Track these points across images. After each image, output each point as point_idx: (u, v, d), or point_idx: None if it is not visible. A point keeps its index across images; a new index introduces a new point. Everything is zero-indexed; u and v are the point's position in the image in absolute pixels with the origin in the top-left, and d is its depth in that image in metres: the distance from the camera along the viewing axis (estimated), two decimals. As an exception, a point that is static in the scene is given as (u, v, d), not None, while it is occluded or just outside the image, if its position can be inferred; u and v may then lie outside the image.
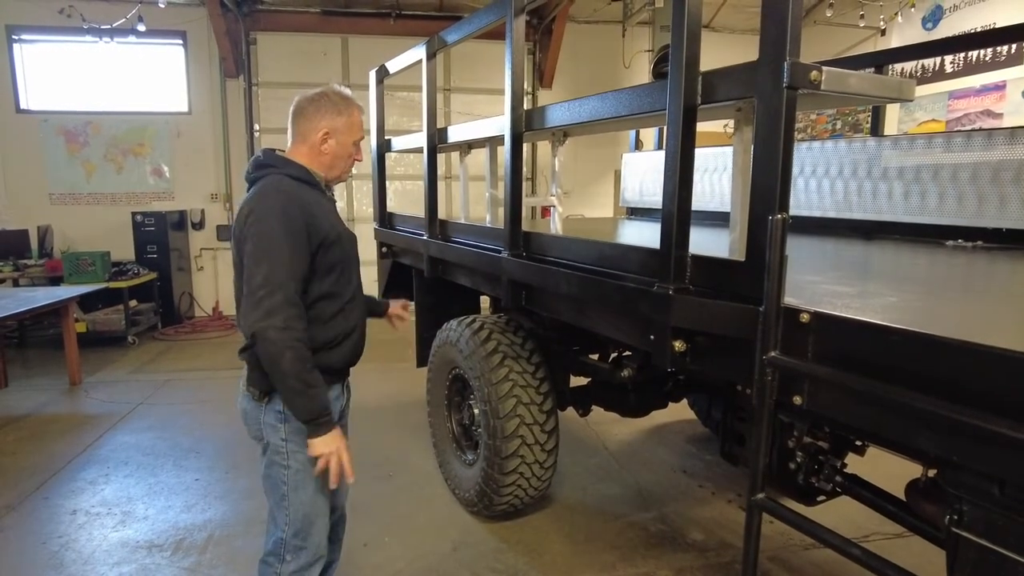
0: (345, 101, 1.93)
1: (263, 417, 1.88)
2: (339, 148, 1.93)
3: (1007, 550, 1.32)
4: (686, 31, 1.58)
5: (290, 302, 1.70)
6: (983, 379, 1.16)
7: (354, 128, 1.95)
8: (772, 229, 1.37)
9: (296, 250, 1.74)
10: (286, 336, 1.67)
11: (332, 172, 1.97)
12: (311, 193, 1.88)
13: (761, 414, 1.44)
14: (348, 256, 1.95)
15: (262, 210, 1.76)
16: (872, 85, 1.65)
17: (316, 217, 1.81)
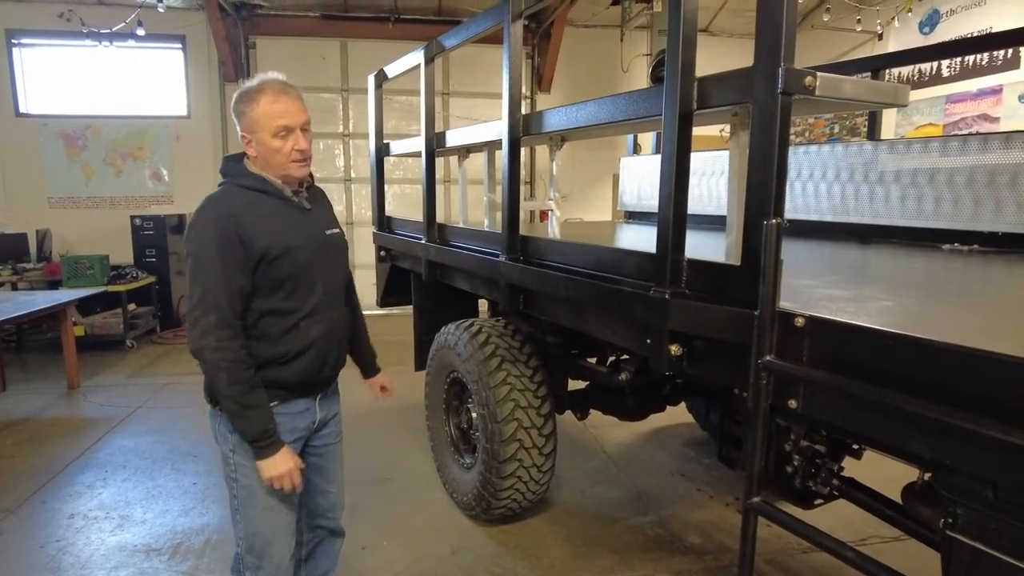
0: (249, 94, 1.74)
1: (217, 426, 1.85)
2: (261, 147, 1.75)
3: (1001, 553, 1.33)
4: (682, 37, 1.59)
5: (222, 323, 1.65)
6: (975, 382, 1.16)
7: (265, 119, 1.72)
8: (767, 233, 1.38)
9: (228, 267, 1.66)
10: (218, 357, 1.65)
11: (278, 172, 1.79)
12: (266, 203, 1.77)
13: (756, 418, 1.44)
14: (301, 270, 1.80)
15: (197, 226, 1.70)
16: (867, 90, 1.66)
17: (256, 230, 1.70)
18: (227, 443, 1.83)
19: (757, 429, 1.44)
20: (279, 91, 1.74)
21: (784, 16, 1.39)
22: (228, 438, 1.82)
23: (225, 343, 1.65)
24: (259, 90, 1.73)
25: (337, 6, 8.28)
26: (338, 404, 2.14)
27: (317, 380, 1.92)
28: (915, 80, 7.36)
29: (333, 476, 2.15)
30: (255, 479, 1.80)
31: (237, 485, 1.83)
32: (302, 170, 1.82)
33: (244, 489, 1.83)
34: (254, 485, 1.81)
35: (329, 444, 2.10)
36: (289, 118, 1.74)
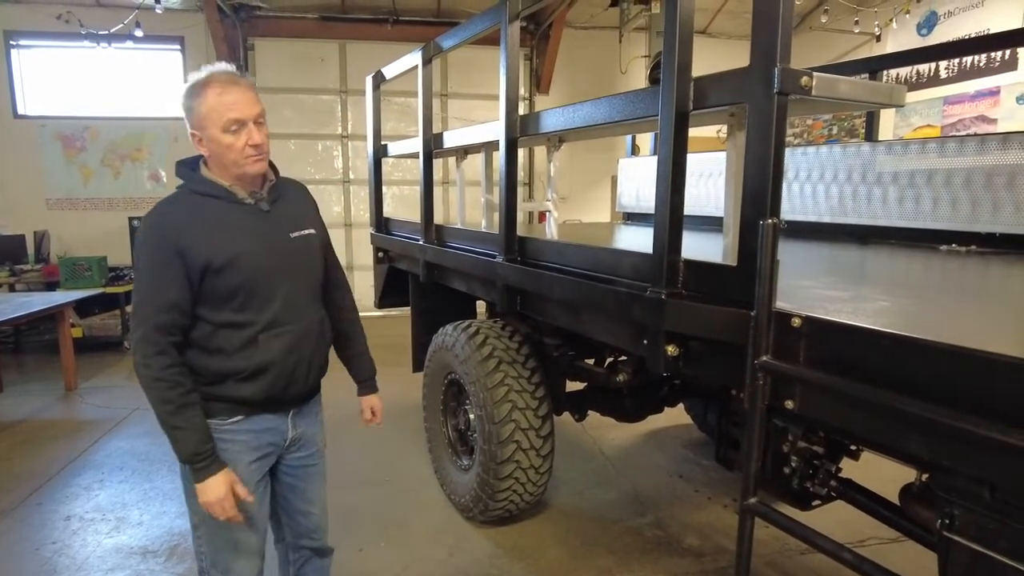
0: (195, 87, 1.61)
1: None
2: (212, 144, 1.62)
3: (998, 553, 1.32)
4: (678, 38, 1.59)
5: (147, 339, 1.57)
6: (972, 382, 1.16)
7: (213, 113, 1.59)
8: (763, 234, 1.38)
9: (161, 280, 1.57)
10: (144, 374, 1.58)
11: (233, 171, 1.66)
12: (216, 209, 1.66)
13: (753, 419, 1.44)
14: (253, 279, 1.66)
15: (139, 236, 1.63)
16: (863, 91, 1.66)
17: (198, 240, 1.59)
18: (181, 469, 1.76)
19: (754, 430, 1.44)
20: (227, 82, 1.60)
21: (780, 16, 1.39)
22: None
23: (150, 360, 1.57)
24: (206, 82, 1.60)
25: (336, 8, 8.28)
26: (319, 422, 2.01)
27: (285, 397, 1.79)
28: (913, 81, 7.37)
29: (313, 497, 2.01)
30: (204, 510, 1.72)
31: (192, 501, 1.73)
32: (258, 165, 1.68)
33: (202, 522, 1.75)
34: (206, 515, 1.72)
35: (308, 465, 1.97)
36: (240, 110, 1.60)
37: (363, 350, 2.13)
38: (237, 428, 1.74)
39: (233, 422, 1.73)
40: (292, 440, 1.88)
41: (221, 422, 1.72)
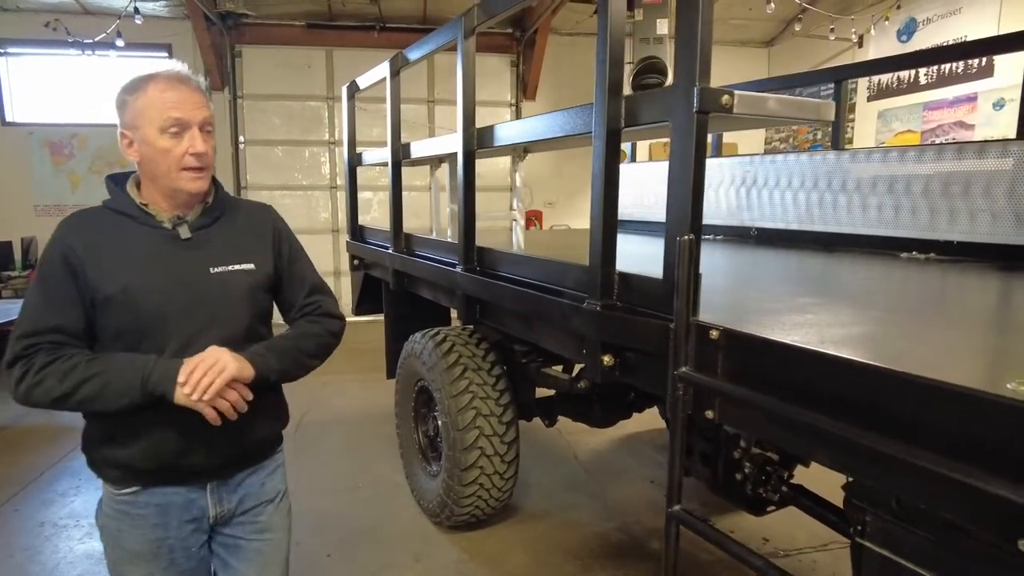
0: (135, 82, 1.40)
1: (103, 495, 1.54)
2: (145, 147, 1.39)
3: (904, 559, 1.37)
4: (608, 60, 1.64)
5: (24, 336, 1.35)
6: (873, 397, 1.20)
7: (151, 109, 1.36)
8: (680, 250, 1.42)
9: (48, 297, 1.37)
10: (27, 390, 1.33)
11: (163, 184, 1.42)
12: (125, 229, 1.42)
13: (675, 428, 1.48)
14: (146, 320, 1.39)
15: (45, 249, 1.44)
16: (790, 107, 1.70)
17: (93, 260, 1.37)
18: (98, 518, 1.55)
19: (675, 439, 1.48)
20: (174, 79, 1.39)
21: (699, 37, 1.44)
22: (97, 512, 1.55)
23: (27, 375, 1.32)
24: (149, 77, 1.39)
25: (323, 15, 8.34)
26: (270, 494, 1.62)
27: (184, 467, 1.46)
28: (894, 87, 7.43)
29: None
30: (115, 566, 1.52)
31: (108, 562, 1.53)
32: (196, 183, 1.42)
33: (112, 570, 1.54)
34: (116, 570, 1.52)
35: (250, 540, 1.59)
36: (183, 110, 1.37)
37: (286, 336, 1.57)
38: (134, 500, 1.47)
39: (128, 493, 1.46)
40: (218, 517, 1.55)
41: (115, 491, 1.48)
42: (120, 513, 1.48)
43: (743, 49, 9.63)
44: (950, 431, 1.03)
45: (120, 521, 1.48)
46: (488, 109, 8.85)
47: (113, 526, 1.49)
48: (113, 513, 1.49)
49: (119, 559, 1.51)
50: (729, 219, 4.24)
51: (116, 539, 1.50)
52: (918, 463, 1.04)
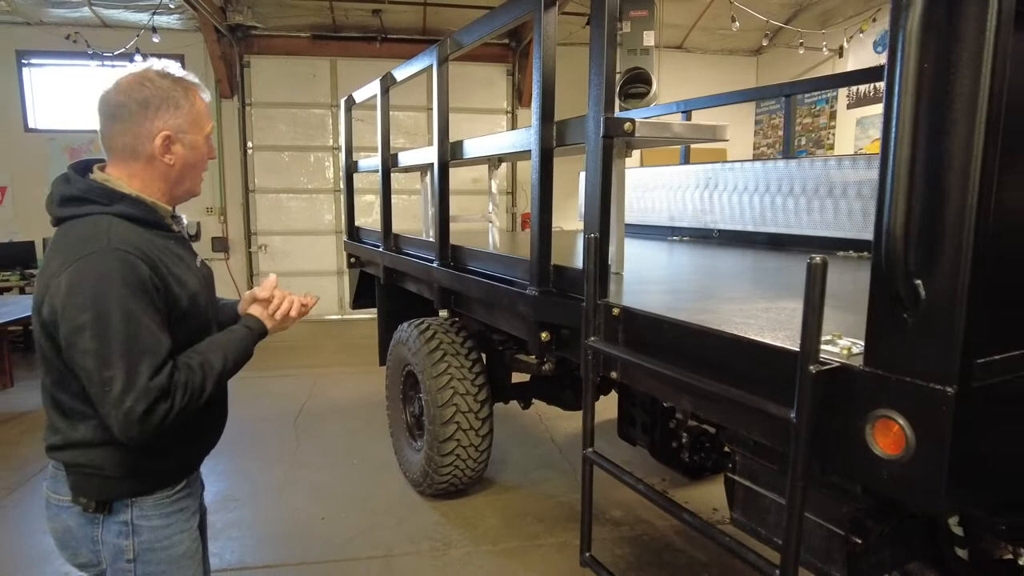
0: (181, 85, 1.41)
1: (101, 538, 1.43)
2: (190, 153, 1.43)
3: (762, 488, 1.75)
4: (542, 91, 2.03)
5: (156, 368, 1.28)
6: (717, 354, 1.56)
7: (203, 119, 1.45)
8: (587, 245, 1.80)
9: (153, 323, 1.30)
10: (183, 403, 1.32)
11: (181, 187, 1.47)
12: (154, 239, 1.39)
13: (586, 386, 1.86)
14: (203, 321, 1.49)
15: (94, 282, 1.25)
16: (689, 130, 2.09)
17: (169, 277, 1.37)
18: (121, 554, 1.44)
19: (587, 394, 1.86)
20: (202, 90, 1.47)
21: (604, 75, 1.83)
22: (123, 546, 1.44)
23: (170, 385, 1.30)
24: (190, 84, 1.43)
25: (327, 26, 8.76)
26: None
27: (208, 450, 1.63)
28: (871, 96, 7.77)
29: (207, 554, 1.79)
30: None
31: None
32: (200, 182, 1.55)
33: None
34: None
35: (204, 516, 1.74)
36: (212, 120, 1.51)
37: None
38: (181, 495, 1.52)
39: (179, 489, 1.51)
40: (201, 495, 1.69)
41: (168, 495, 1.48)
42: (174, 513, 1.50)
43: (731, 58, 9.99)
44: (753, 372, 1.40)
45: (173, 525, 1.49)
46: (484, 117, 9.24)
47: (164, 536, 1.48)
48: (164, 522, 1.47)
49: (169, 570, 1.49)
50: (694, 221, 4.61)
51: (168, 549, 1.48)
52: (736, 399, 1.41)
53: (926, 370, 1.09)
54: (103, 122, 1.40)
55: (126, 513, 1.42)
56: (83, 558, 1.47)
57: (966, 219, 1.01)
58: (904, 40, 1.00)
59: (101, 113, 1.39)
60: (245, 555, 3.12)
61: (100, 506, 1.41)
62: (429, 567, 3.02)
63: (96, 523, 1.42)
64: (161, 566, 1.47)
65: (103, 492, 1.40)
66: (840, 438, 1.24)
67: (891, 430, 1.16)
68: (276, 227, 9.07)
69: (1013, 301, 1.15)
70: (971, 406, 1.08)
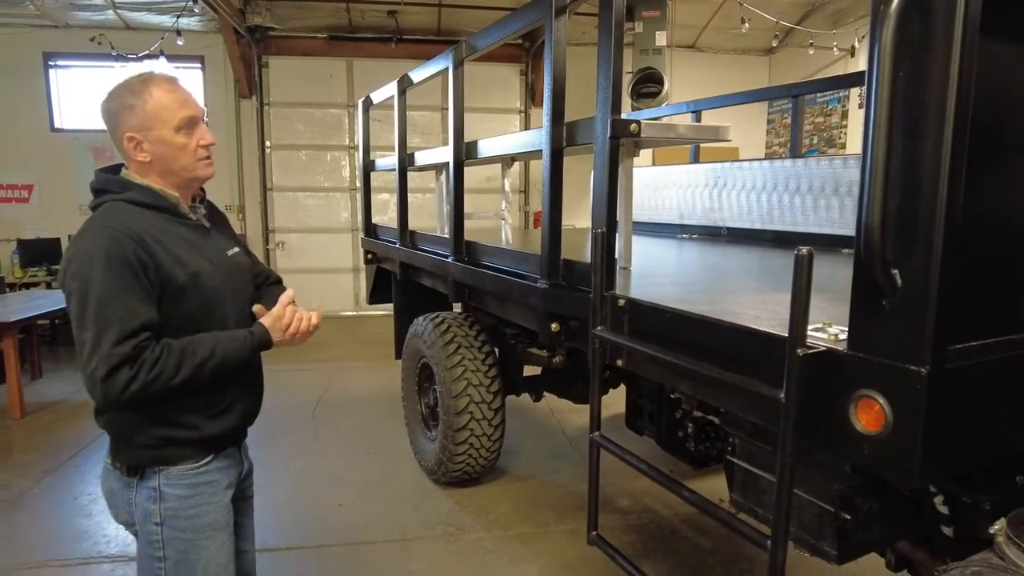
0: (132, 86, 1.53)
1: (133, 499, 1.56)
2: (161, 146, 1.51)
3: (758, 469, 1.85)
4: (553, 93, 2.13)
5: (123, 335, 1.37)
6: (715, 341, 1.67)
7: (165, 111, 1.51)
8: (594, 240, 1.91)
9: (129, 297, 1.40)
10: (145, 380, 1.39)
11: (173, 176, 1.56)
12: (160, 222, 1.52)
13: (594, 373, 1.97)
14: (211, 300, 1.57)
15: (80, 257, 1.40)
16: (693, 131, 2.19)
17: (157, 252, 1.46)
18: (150, 516, 1.55)
19: (594, 381, 1.97)
20: (170, 80, 1.55)
21: (611, 78, 1.93)
22: (152, 510, 1.54)
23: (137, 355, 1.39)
24: (147, 80, 1.52)
25: (344, 27, 8.92)
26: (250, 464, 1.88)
27: (245, 425, 1.74)
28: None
29: (251, 534, 1.91)
30: (188, 549, 1.59)
31: (166, 564, 1.57)
32: (210, 169, 1.61)
33: (177, 565, 1.58)
34: (188, 558, 1.59)
35: (247, 497, 1.87)
36: (192, 108, 1.56)
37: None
38: (209, 468, 1.62)
39: (205, 463, 1.61)
40: (241, 474, 1.78)
41: (193, 467, 1.58)
42: (200, 485, 1.59)
43: (743, 57, 10.02)
44: (747, 357, 1.51)
45: (199, 496, 1.59)
46: (498, 116, 9.35)
47: (189, 505, 1.57)
48: (189, 492, 1.57)
49: (194, 538, 1.59)
50: (704, 219, 4.69)
51: (193, 518, 1.58)
52: (731, 382, 1.51)
53: (903, 352, 1.19)
54: None
55: (155, 480, 1.54)
56: (122, 517, 1.62)
57: (937, 213, 1.11)
58: (880, 50, 1.11)
59: None
60: (267, 537, 3.26)
61: (132, 471, 1.55)
62: (443, 550, 3.15)
63: (131, 486, 1.56)
64: (186, 533, 1.57)
65: (132, 458, 1.54)
66: (826, 417, 1.34)
67: (872, 409, 1.26)
68: (293, 225, 9.25)
69: (984, 288, 1.25)
70: (944, 386, 1.18)
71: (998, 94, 1.20)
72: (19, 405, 4.95)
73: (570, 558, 3.08)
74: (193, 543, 1.59)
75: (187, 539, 1.58)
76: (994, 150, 1.22)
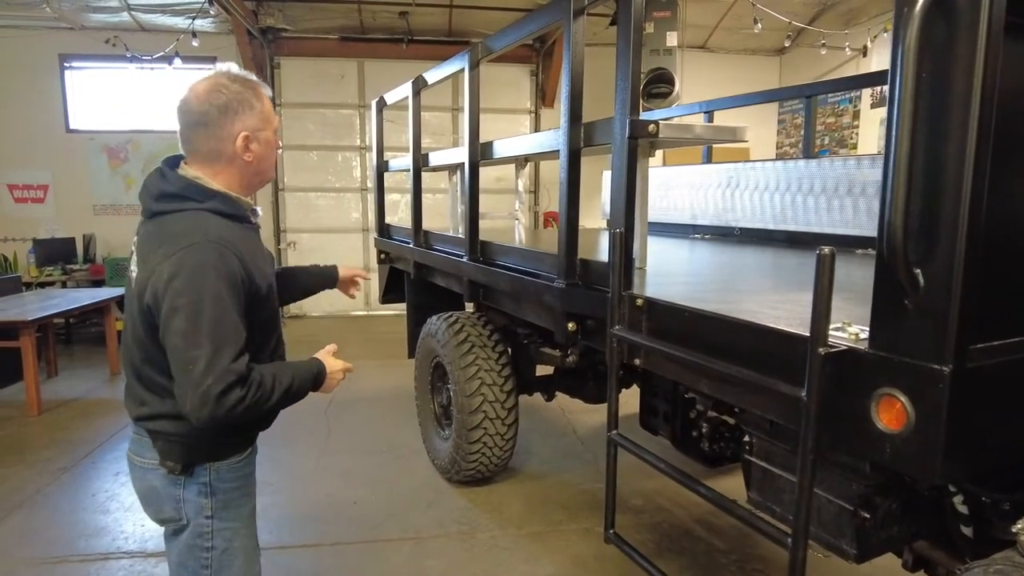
0: (250, 86, 1.54)
1: (182, 496, 1.59)
2: (264, 148, 1.57)
3: (776, 468, 1.86)
4: (571, 94, 2.15)
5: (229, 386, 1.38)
6: (734, 339, 1.68)
7: (271, 115, 1.59)
8: (613, 240, 1.92)
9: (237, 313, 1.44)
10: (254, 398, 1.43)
11: (258, 178, 1.62)
12: (239, 231, 1.54)
13: (611, 372, 1.99)
14: (276, 306, 1.67)
15: (192, 271, 1.39)
16: (710, 131, 2.20)
17: (252, 266, 1.52)
18: (201, 510, 1.60)
19: (612, 380, 1.98)
20: (265, 87, 1.61)
21: (630, 79, 1.94)
22: (202, 504, 1.60)
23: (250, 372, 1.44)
24: (256, 84, 1.56)
25: (355, 28, 8.96)
26: None
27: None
28: (895, 95, 7.75)
29: None
30: (233, 538, 1.65)
31: (213, 554, 1.62)
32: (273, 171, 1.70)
33: (222, 555, 1.63)
34: (232, 546, 1.65)
35: None
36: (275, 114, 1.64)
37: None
38: (250, 460, 1.71)
39: (247, 455, 1.70)
40: None
41: (238, 460, 1.65)
42: (244, 477, 1.68)
43: (754, 58, 10.00)
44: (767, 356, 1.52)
45: (245, 486, 1.69)
46: (508, 117, 9.36)
47: (237, 496, 1.66)
48: (236, 484, 1.65)
49: (239, 527, 1.66)
50: (716, 220, 4.70)
51: (239, 507, 1.67)
52: (751, 381, 1.52)
53: (925, 351, 1.20)
54: (185, 128, 1.51)
55: (205, 476, 1.59)
56: (166, 514, 1.62)
57: (960, 213, 1.12)
58: (903, 51, 1.12)
59: (183, 121, 1.51)
60: (283, 535, 3.29)
61: (184, 469, 1.57)
62: (457, 548, 3.16)
63: (179, 484, 1.58)
64: (234, 523, 1.64)
65: (187, 457, 1.56)
66: (847, 415, 1.35)
67: (893, 407, 1.26)
68: (305, 225, 9.30)
69: (1007, 288, 1.25)
70: (967, 385, 1.19)
71: (1022, 95, 1.21)
72: (36, 403, 5.01)
73: (584, 556, 3.09)
74: (237, 532, 1.66)
75: (233, 528, 1.65)
76: (1017, 150, 1.22)
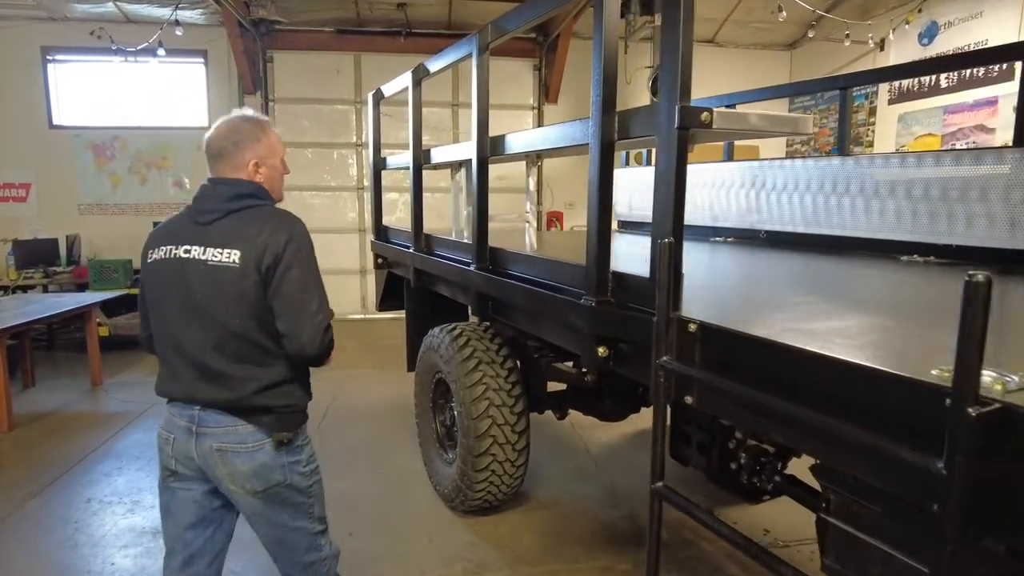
0: (259, 124, 1.95)
1: (286, 463, 1.90)
2: (274, 172, 1.97)
3: (860, 532, 1.52)
4: (603, 78, 1.81)
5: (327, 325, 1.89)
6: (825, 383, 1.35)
7: (276, 147, 1.98)
8: (660, 251, 1.59)
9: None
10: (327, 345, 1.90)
11: (276, 194, 2.01)
12: None
13: (657, 412, 1.65)
14: None
15: (300, 237, 1.87)
16: (769, 122, 1.86)
17: None
18: (305, 472, 1.95)
19: (657, 422, 1.65)
20: (272, 127, 2.01)
21: (679, 60, 1.60)
22: (305, 467, 1.95)
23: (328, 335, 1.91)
24: (266, 122, 1.98)
25: (351, 21, 8.61)
26: None
27: None
28: (915, 91, 7.43)
29: None
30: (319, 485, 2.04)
31: (315, 501, 2.01)
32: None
33: (316, 499, 2.03)
34: (319, 492, 2.04)
35: None
36: (283, 148, 2.04)
37: None
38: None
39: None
40: None
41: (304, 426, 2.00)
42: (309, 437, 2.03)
43: (766, 52, 9.67)
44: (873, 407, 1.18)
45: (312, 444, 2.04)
46: (510, 112, 9.01)
47: (313, 455, 2.03)
48: (309, 445, 2.02)
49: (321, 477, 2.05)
50: (739, 222, 4.36)
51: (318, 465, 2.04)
52: (848, 437, 1.19)
53: None
54: (211, 159, 1.91)
55: (299, 439, 1.95)
56: (274, 481, 1.88)
57: None
58: None
59: (209, 153, 1.90)
60: (273, 571, 2.95)
61: (287, 441, 1.89)
62: (464, 591, 2.83)
63: (282, 452, 1.89)
64: (318, 477, 2.04)
65: (296, 423, 1.93)
66: (996, 491, 1.02)
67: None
68: (299, 225, 8.94)
69: None
70: None
71: None
72: (6, 418, 4.65)
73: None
74: (320, 481, 2.05)
75: (320, 479, 2.05)
76: None
